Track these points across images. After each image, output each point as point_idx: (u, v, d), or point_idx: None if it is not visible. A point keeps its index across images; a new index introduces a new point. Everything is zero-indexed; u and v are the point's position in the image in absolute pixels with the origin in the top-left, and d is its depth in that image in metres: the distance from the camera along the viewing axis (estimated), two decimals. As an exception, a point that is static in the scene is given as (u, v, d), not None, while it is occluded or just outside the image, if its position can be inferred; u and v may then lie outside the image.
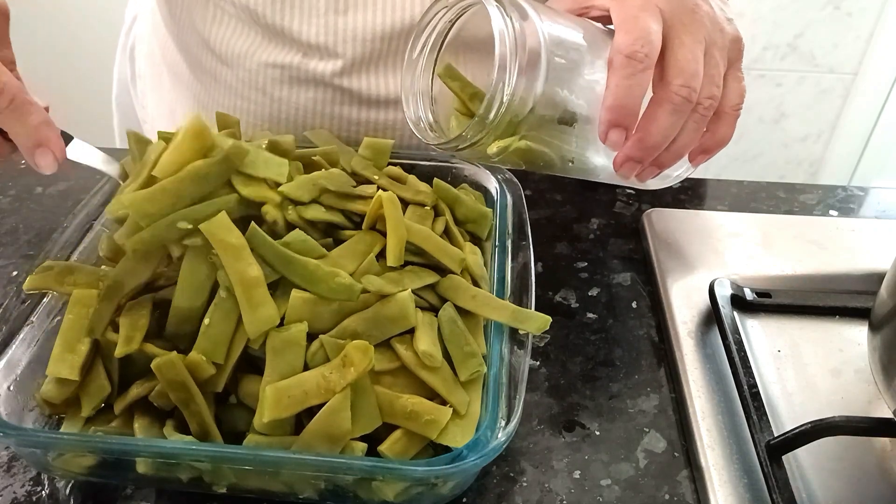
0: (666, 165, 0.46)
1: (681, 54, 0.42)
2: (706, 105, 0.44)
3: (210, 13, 0.62)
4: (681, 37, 0.42)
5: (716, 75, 0.44)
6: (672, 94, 0.42)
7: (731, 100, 0.46)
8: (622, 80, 0.41)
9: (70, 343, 0.40)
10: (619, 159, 0.45)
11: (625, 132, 0.42)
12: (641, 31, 0.41)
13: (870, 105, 1.65)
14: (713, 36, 0.43)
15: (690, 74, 0.42)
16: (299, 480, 0.39)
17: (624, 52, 0.41)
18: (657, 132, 0.43)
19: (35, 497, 0.42)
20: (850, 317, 0.53)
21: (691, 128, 0.44)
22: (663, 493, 0.43)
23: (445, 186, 0.51)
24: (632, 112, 0.42)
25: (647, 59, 0.41)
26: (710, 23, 0.43)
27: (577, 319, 0.54)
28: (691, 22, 0.43)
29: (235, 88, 0.64)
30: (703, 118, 0.44)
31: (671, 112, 0.42)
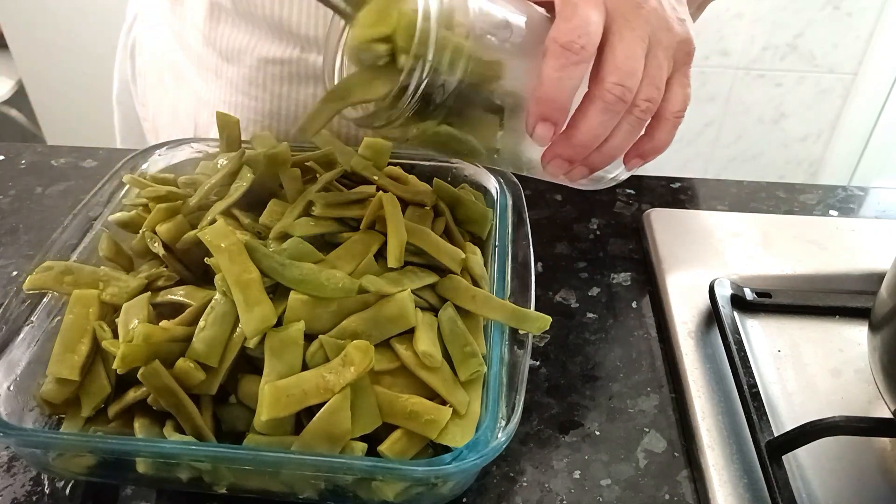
0: (597, 167, 0.43)
1: (619, 50, 0.39)
2: (643, 107, 0.40)
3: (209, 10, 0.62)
4: (621, 31, 0.39)
5: (657, 77, 0.41)
6: (605, 91, 0.39)
7: (673, 105, 0.42)
8: (554, 71, 0.38)
9: (70, 343, 0.40)
10: (547, 156, 0.42)
11: (553, 127, 0.39)
12: (580, 21, 0.38)
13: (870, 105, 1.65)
14: (658, 35, 0.40)
15: (627, 73, 0.39)
16: (299, 480, 0.39)
17: (560, 41, 0.38)
18: (587, 131, 0.40)
19: (35, 497, 0.42)
20: (850, 317, 0.53)
21: (625, 129, 0.41)
22: (663, 493, 0.43)
23: (445, 186, 0.51)
24: (561, 106, 0.39)
25: (582, 51, 0.38)
26: (657, 20, 0.40)
27: (577, 319, 0.54)
28: (635, 17, 0.39)
29: (236, 85, 0.64)
30: (639, 121, 0.41)
31: (602, 110, 0.39)
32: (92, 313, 0.41)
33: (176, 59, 0.69)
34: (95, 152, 0.71)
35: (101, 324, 0.41)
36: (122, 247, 0.48)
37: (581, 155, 0.42)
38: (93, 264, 0.46)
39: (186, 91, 0.69)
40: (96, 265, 0.46)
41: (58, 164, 0.69)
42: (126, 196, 0.51)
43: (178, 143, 0.57)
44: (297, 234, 0.43)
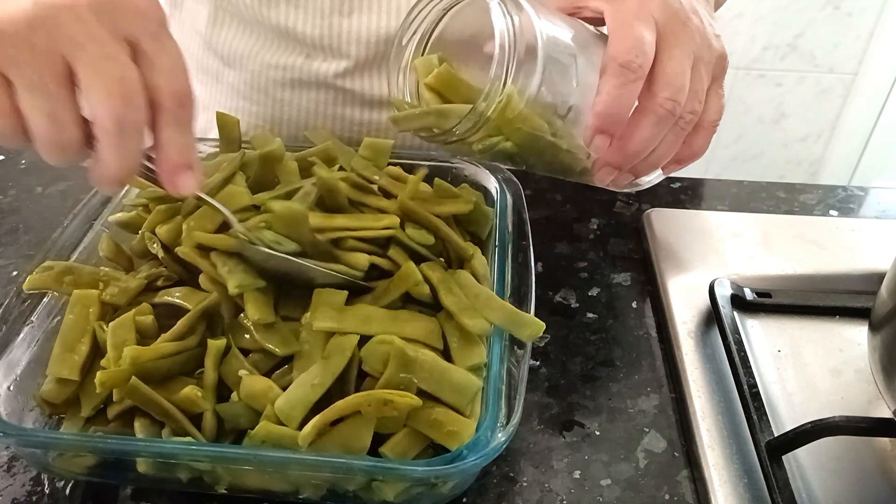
0: (641, 174, 0.47)
1: (670, 67, 0.42)
2: (688, 119, 0.44)
3: (213, 15, 0.62)
4: (671, 49, 0.42)
5: (700, 90, 0.44)
6: (658, 105, 0.42)
7: (711, 115, 0.46)
8: (614, 88, 0.41)
9: (70, 343, 0.40)
10: (599, 164, 0.45)
11: (609, 139, 0.42)
12: (636, 41, 0.41)
13: (870, 105, 1.65)
14: (701, 51, 0.43)
15: (677, 88, 0.42)
16: (300, 480, 0.39)
17: (618, 59, 0.40)
18: (639, 141, 0.43)
19: (35, 497, 0.42)
20: (850, 317, 0.53)
21: (671, 140, 0.44)
22: (663, 493, 0.43)
23: (446, 186, 0.51)
24: (620, 120, 0.42)
25: (640, 69, 0.41)
26: (700, 38, 0.43)
27: (577, 319, 0.54)
28: (682, 34, 0.42)
29: (238, 89, 0.64)
30: (683, 131, 0.44)
31: (654, 123, 0.42)
32: (92, 313, 0.41)
33: None
34: (95, 152, 0.71)
35: (102, 324, 0.41)
36: (122, 247, 0.48)
37: (630, 163, 0.45)
38: (93, 264, 0.46)
39: None
40: (96, 265, 0.46)
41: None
42: (126, 196, 0.51)
43: (178, 143, 0.56)
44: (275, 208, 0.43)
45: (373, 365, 0.39)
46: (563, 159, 0.47)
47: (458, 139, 0.42)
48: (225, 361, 0.41)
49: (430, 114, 0.44)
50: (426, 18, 0.45)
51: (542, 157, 0.47)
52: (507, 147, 0.44)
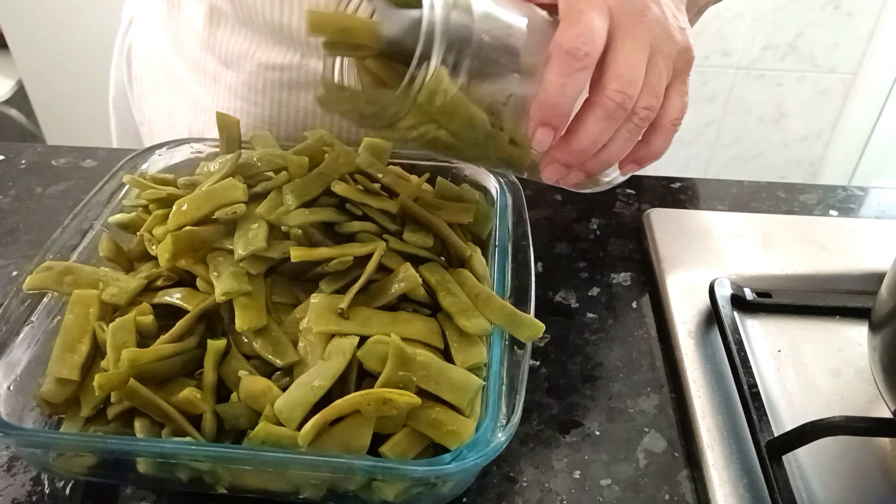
0: (593, 172, 0.44)
1: (621, 58, 0.39)
2: (642, 115, 0.41)
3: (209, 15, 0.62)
4: (624, 39, 0.39)
5: (656, 85, 0.41)
6: (606, 98, 0.39)
7: (671, 113, 0.42)
8: (557, 77, 0.38)
9: (70, 343, 0.40)
10: (545, 160, 0.42)
11: (553, 132, 0.40)
12: (585, 27, 0.38)
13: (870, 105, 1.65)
14: (660, 43, 0.40)
15: (628, 81, 0.39)
16: (300, 480, 0.39)
17: (564, 46, 0.38)
18: (586, 137, 0.40)
19: (35, 497, 0.42)
20: (850, 317, 0.53)
21: (623, 136, 0.41)
22: (663, 493, 0.43)
23: (448, 185, 0.51)
24: (563, 112, 0.39)
25: (587, 57, 0.38)
26: (659, 28, 0.40)
27: (577, 319, 0.54)
28: (638, 25, 0.40)
29: (235, 90, 0.64)
30: (638, 128, 0.41)
31: (603, 117, 0.40)
32: (92, 313, 0.41)
33: (172, 64, 0.69)
34: (95, 152, 0.71)
35: (102, 324, 0.41)
36: (122, 247, 0.48)
37: (579, 160, 0.42)
38: (93, 264, 0.46)
39: (183, 96, 0.69)
40: (96, 265, 0.46)
41: (58, 164, 0.69)
42: (126, 196, 0.51)
43: (177, 144, 0.57)
44: (292, 224, 0.43)
45: (371, 364, 0.39)
46: (510, 153, 0.44)
47: (387, 124, 0.39)
48: (224, 362, 0.41)
49: (358, 95, 0.41)
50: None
51: (483, 150, 0.43)
52: (442, 136, 0.40)
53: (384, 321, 0.42)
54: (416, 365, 0.39)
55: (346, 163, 0.48)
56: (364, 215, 0.46)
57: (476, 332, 0.42)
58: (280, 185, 0.47)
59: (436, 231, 0.46)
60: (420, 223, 0.46)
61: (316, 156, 0.50)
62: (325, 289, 0.43)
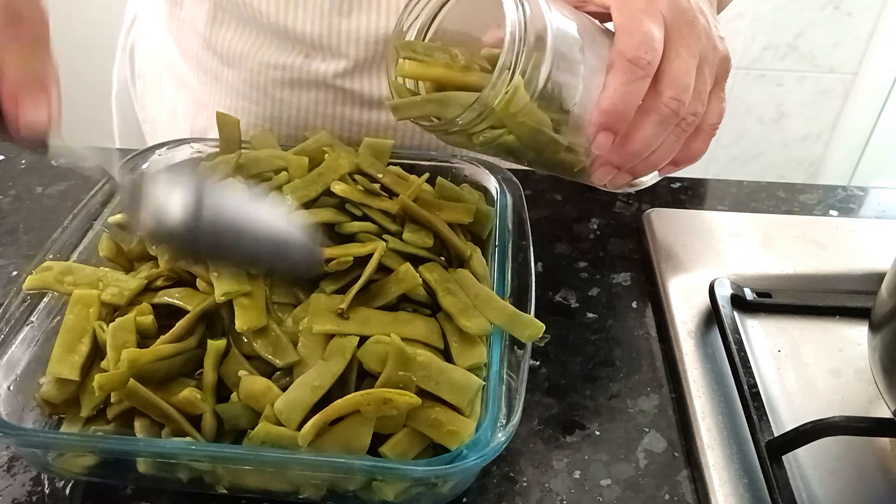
0: (640, 174, 0.46)
1: (676, 66, 0.41)
2: (689, 121, 0.42)
3: (212, 14, 0.62)
4: (678, 48, 0.41)
5: (703, 92, 0.43)
6: (662, 104, 0.41)
7: (711, 118, 0.45)
8: (622, 85, 0.40)
9: (70, 343, 0.40)
10: (598, 163, 0.44)
11: (613, 136, 0.41)
12: (645, 36, 0.40)
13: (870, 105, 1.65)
14: (706, 52, 0.42)
15: (683, 88, 0.41)
16: (300, 480, 0.39)
17: (627, 55, 0.39)
18: (640, 141, 0.42)
19: (35, 497, 0.42)
20: (850, 317, 0.53)
21: (671, 141, 0.43)
22: (663, 493, 0.43)
23: (448, 185, 0.51)
24: (625, 117, 0.41)
25: (649, 66, 0.40)
26: (706, 38, 0.42)
27: (577, 319, 0.54)
28: (689, 34, 0.41)
29: (237, 89, 0.64)
30: (684, 133, 0.43)
31: (658, 123, 0.41)
32: (92, 313, 0.41)
33: (174, 62, 0.69)
34: (95, 152, 0.71)
35: (102, 324, 0.41)
36: (122, 247, 0.48)
37: (630, 163, 0.44)
38: (93, 264, 0.46)
39: (185, 94, 0.69)
40: (96, 265, 0.46)
41: (58, 164, 0.69)
42: (126, 196, 0.51)
43: (178, 143, 0.57)
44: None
45: (371, 364, 0.39)
46: (563, 157, 0.46)
47: (459, 129, 0.41)
48: (224, 362, 0.41)
49: (431, 101, 0.43)
50: (428, 5, 0.44)
51: (542, 154, 0.46)
52: (509, 141, 0.42)
53: (384, 321, 0.42)
54: (416, 365, 0.39)
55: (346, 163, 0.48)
56: (364, 215, 0.46)
57: (476, 332, 0.42)
58: (280, 185, 0.47)
59: (436, 231, 0.46)
60: (420, 223, 0.47)
61: (316, 156, 0.50)
62: (325, 289, 0.43)
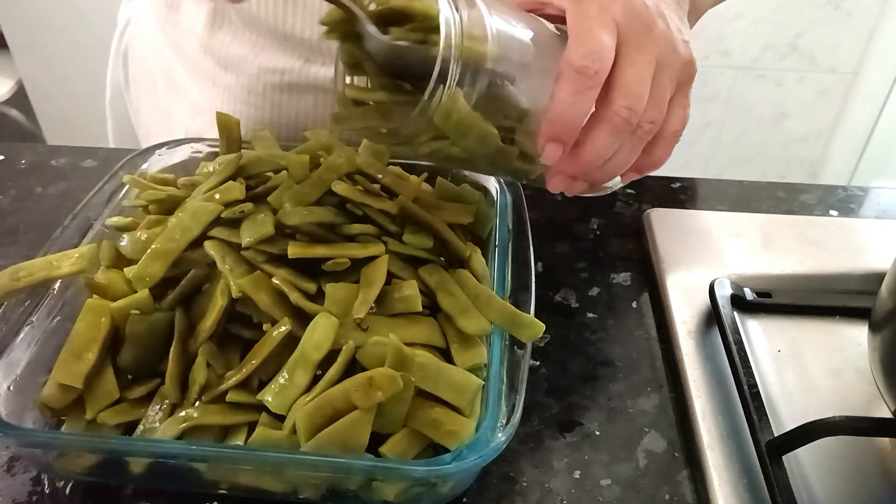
0: (597, 182, 0.45)
1: (629, 74, 0.40)
2: (646, 129, 0.42)
3: (211, 18, 0.62)
4: (632, 55, 0.40)
5: (661, 99, 0.42)
6: (613, 114, 0.40)
7: (673, 125, 0.43)
8: (568, 95, 0.39)
9: (77, 351, 0.40)
10: (552, 172, 0.43)
11: (562, 147, 0.41)
12: (595, 45, 0.39)
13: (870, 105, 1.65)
14: (665, 58, 0.41)
15: (635, 97, 0.40)
16: (299, 480, 0.39)
17: (574, 64, 0.38)
18: (593, 151, 0.41)
19: (35, 497, 0.42)
20: (850, 317, 0.53)
21: (628, 149, 0.42)
22: (663, 493, 0.43)
23: (448, 186, 0.51)
24: (572, 128, 0.40)
25: (596, 76, 0.39)
26: (665, 43, 0.41)
27: (577, 319, 0.54)
28: (645, 40, 0.40)
29: (235, 93, 0.63)
30: (642, 141, 0.42)
31: (609, 132, 0.40)
32: (104, 323, 0.41)
33: (170, 66, 0.69)
34: (95, 152, 0.71)
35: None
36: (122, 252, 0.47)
37: (585, 172, 0.43)
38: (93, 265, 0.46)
39: (180, 99, 0.69)
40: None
41: (58, 164, 0.69)
42: (126, 197, 0.51)
43: (178, 143, 0.57)
44: (290, 222, 0.43)
45: (370, 365, 0.39)
46: (518, 165, 0.45)
47: (402, 141, 0.40)
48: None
49: (372, 113, 0.42)
50: None
51: (494, 163, 0.45)
52: (455, 152, 0.41)
53: (384, 325, 0.41)
54: (415, 365, 0.39)
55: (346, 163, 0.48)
56: (364, 216, 0.46)
57: (475, 332, 0.42)
58: (279, 184, 0.47)
59: (435, 231, 0.46)
60: (420, 224, 0.46)
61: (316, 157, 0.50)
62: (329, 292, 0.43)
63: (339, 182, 0.46)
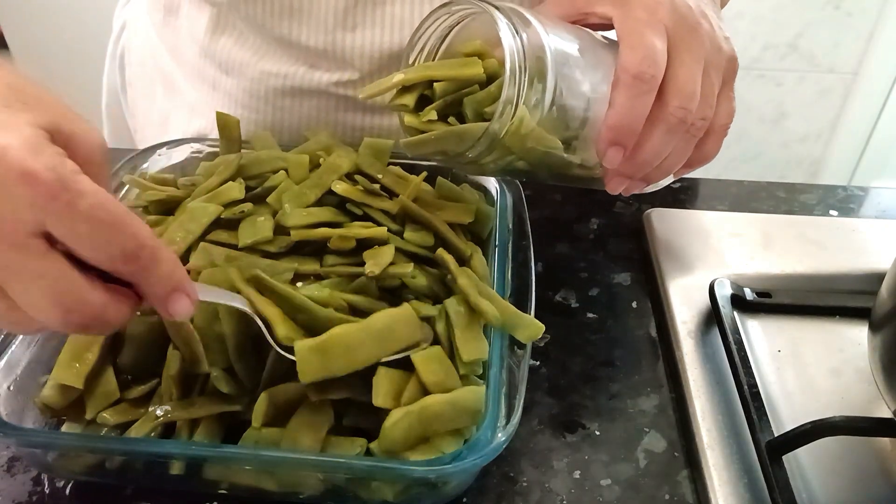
0: (653, 181, 0.47)
1: (681, 74, 0.41)
2: (699, 126, 0.43)
3: (213, 22, 0.61)
4: (682, 56, 0.41)
5: (710, 95, 0.43)
6: (668, 114, 0.41)
7: (722, 119, 0.45)
8: (627, 100, 0.40)
9: (78, 352, 0.40)
10: (611, 174, 0.45)
11: (623, 150, 0.42)
12: (648, 50, 0.40)
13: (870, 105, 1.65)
14: (711, 56, 0.43)
15: (688, 96, 0.41)
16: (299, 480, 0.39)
17: (631, 71, 0.40)
18: (650, 151, 0.43)
19: (35, 497, 0.42)
20: (850, 317, 0.53)
21: (682, 146, 0.44)
22: (663, 493, 0.43)
23: (448, 185, 0.51)
24: (633, 132, 0.41)
25: (653, 80, 0.40)
26: (710, 42, 0.43)
27: (577, 319, 0.54)
28: (692, 40, 0.42)
29: (235, 97, 0.63)
30: (694, 138, 0.44)
31: (666, 132, 0.42)
32: None
33: (168, 70, 0.69)
34: (95, 152, 0.71)
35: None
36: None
37: (643, 172, 0.44)
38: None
39: (178, 103, 0.68)
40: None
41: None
42: (126, 197, 0.51)
43: (178, 144, 0.57)
44: (290, 224, 0.44)
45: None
46: (577, 172, 0.47)
47: (471, 160, 0.42)
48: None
49: (441, 138, 0.44)
50: (433, 35, 0.45)
51: (555, 172, 0.47)
52: (521, 166, 0.44)
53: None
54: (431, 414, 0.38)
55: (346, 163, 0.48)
56: (364, 215, 0.46)
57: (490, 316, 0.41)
58: (278, 184, 0.47)
59: (436, 231, 0.46)
60: (420, 223, 0.47)
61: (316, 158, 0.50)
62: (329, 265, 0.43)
63: (339, 182, 0.47)
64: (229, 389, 0.40)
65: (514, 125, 0.39)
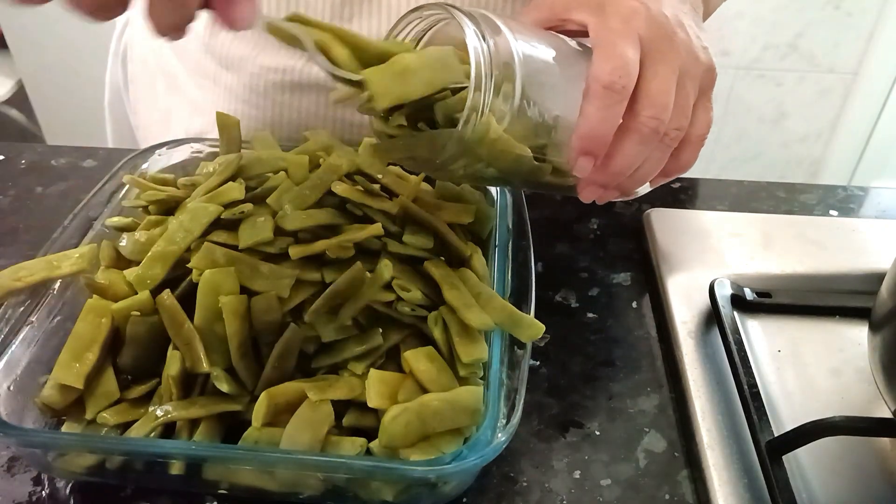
0: (628, 190, 0.46)
1: (654, 85, 0.41)
2: (673, 136, 0.43)
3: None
4: (655, 66, 0.41)
5: (686, 106, 0.43)
6: (640, 124, 0.41)
7: (698, 129, 0.45)
8: (597, 110, 0.40)
9: (78, 352, 0.40)
10: (584, 183, 0.45)
11: (593, 160, 0.42)
12: (620, 60, 0.40)
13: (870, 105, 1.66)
14: (687, 65, 0.42)
15: (661, 107, 0.41)
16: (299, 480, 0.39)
17: (602, 81, 0.40)
18: (623, 161, 0.42)
19: (35, 497, 0.42)
20: (850, 317, 0.53)
21: (656, 157, 0.44)
22: (663, 493, 0.43)
23: (448, 186, 0.51)
24: (603, 142, 0.41)
25: (623, 90, 0.40)
26: (686, 52, 0.42)
27: (577, 319, 0.54)
28: (668, 50, 0.42)
29: (236, 92, 0.63)
30: (669, 147, 0.43)
31: (638, 142, 0.42)
32: (104, 324, 0.41)
33: (169, 66, 0.69)
34: (95, 152, 0.71)
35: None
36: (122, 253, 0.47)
37: (615, 182, 0.44)
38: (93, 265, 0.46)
39: (180, 99, 0.69)
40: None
41: (58, 164, 0.69)
42: (126, 197, 0.51)
43: (178, 143, 0.57)
44: (288, 227, 0.44)
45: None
46: (551, 179, 0.46)
47: (439, 168, 0.41)
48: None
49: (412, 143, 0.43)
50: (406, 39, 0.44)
51: (527, 179, 0.46)
52: (490, 172, 0.43)
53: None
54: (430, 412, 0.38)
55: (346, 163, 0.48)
56: (364, 216, 0.46)
57: (480, 327, 0.42)
58: (278, 184, 0.47)
59: (436, 231, 0.46)
60: (420, 224, 0.47)
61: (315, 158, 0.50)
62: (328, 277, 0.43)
63: (339, 182, 0.46)
64: (229, 389, 0.39)
65: (480, 132, 0.38)
